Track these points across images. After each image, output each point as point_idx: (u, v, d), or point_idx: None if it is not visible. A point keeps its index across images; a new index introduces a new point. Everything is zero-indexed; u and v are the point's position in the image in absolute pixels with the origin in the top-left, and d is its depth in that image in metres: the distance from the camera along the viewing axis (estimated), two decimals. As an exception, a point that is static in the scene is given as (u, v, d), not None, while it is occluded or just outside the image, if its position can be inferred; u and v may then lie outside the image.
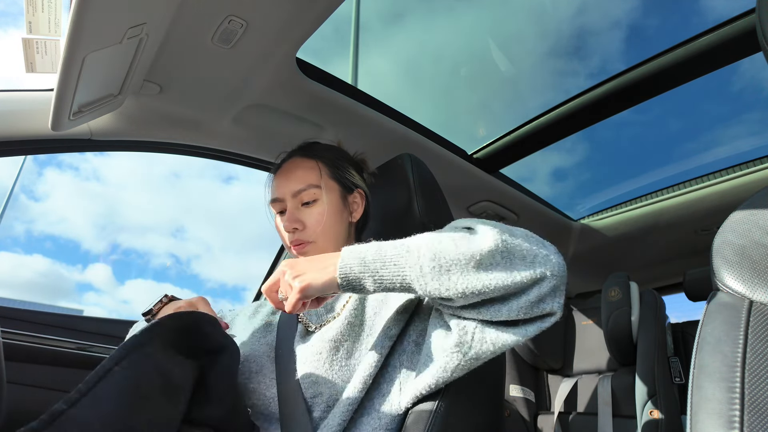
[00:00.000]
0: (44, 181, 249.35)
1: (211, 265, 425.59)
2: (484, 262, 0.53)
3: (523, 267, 0.54)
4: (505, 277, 0.53)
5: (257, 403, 0.70)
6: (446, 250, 0.54)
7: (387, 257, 0.57)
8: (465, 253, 0.53)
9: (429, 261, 0.54)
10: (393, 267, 0.56)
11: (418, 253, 0.55)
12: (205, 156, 1.17)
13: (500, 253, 0.54)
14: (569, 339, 1.68)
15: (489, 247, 0.54)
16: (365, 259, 0.57)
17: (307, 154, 0.85)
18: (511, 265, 0.54)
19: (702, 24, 1.07)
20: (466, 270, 0.53)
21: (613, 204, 1.79)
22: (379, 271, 0.56)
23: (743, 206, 0.51)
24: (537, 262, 0.55)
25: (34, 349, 1.03)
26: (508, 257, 0.54)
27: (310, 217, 0.79)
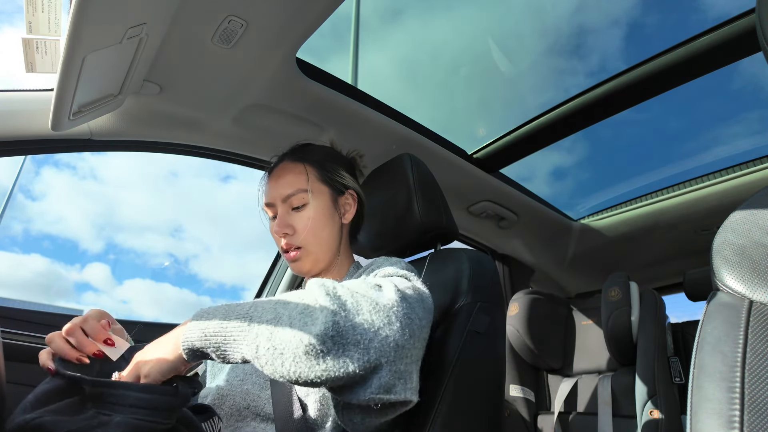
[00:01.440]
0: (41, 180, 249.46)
1: (209, 264, 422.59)
2: (314, 349, 0.47)
3: (357, 354, 0.48)
4: (336, 367, 0.47)
5: (252, 404, 0.70)
6: (282, 332, 0.49)
7: (227, 331, 0.53)
8: (295, 336, 0.48)
9: (265, 341, 0.50)
10: (233, 343, 0.52)
11: (257, 330, 0.51)
12: (205, 156, 1.17)
13: (331, 339, 0.47)
14: (569, 339, 1.68)
15: (318, 331, 0.47)
16: (207, 332, 0.53)
17: (296, 158, 0.85)
18: (344, 351, 0.48)
19: (701, 21, 1.07)
20: (297, 356, 0.48)
21: (613, 204, 1.79)
22: (220, 347, 0.53)
23: (743, 206, 0.51)
24: (372, 347, 0.48)
25: (34, 349, 1.03)
26: (340, 342, 0.48)
27: (300, 221, 0.80)
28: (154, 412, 0.52)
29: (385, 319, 0.51)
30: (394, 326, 0.51)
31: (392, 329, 0.50)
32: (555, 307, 1.72)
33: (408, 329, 0.52)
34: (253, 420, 0.69)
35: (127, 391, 0.53)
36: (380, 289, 0.56)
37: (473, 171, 1.44)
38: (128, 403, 0.52)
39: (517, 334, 1.62)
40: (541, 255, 1.94)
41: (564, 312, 1.73)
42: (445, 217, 0.91)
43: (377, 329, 0.50)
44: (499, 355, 0.83)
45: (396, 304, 0.53)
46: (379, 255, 0.98)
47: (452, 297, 0.79)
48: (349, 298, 0.52)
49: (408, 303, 0.55)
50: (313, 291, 0.53)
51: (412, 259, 0.96)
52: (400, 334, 0.51)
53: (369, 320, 0.50)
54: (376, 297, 0.53)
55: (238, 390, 0.73)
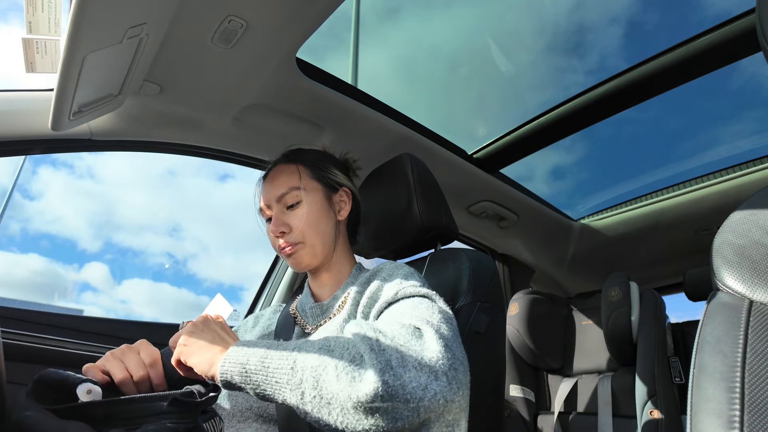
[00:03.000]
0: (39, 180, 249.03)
1: (208, 264, 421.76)
2: (363, 407, 0.47)
3: (407, 411, 0.48)
4: (385, 422, 0.48)
5: (254, 405, 0.70)
6: (329, 383, 0.49)
7: (269, 372, 0.52)
8: (344, 390, 0.48)
9: (311, 389, 0.49)
10: (275, 385, 0.52)
11: (301, 376, 0.51)
12: (205, 156, 1.17)
13: (380, 398, 0.47)
14: (569, 339, 1.68)
15: (368, 391, 0.47)
16: (247, 368, 0.53)
17: (288, 160, 0.86)
18: (393, 409, 0.48)
19: (701, 19, 1.07)
20: (345, 409, 0.48)
21: (613, 204, 1.79)
22: (260, 385, 0.52)
23: (743, 206, 0.51)
24: (422, 406, 0.49)
25: (34, 349, 1.03)
26: (390, 402, 0.48)
27: (295, 218, 0.80)
28: (178, 415, 0.51)
29: (432, 375, 0.50)
30: (441, 381, 0.50)
31: (440, 385, 0.50)
32: (555, 307, 1.72)
33: (455, 382, 0.51)
34: (255, 421, 0.69)
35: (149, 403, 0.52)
36: (421, 338, 0.55)
37: (473, 171, 1.44)
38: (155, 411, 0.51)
39: (517, 334, 1.62)
40: (541, 255, 1.94)
41: (564, 312, 1.73)
42: (445, 217, 0.91)
43: (425, 387, 0.49)
44: (499, 355, 0.83)
45: (441, 356, 0.52)
46: (380, 255, 0.98)
47: (452, 297, 0.79)
48: (394, 354, 0.51)
49: (451, 352, 0.54)
50: (356, 342, 0.53)
51: (412, 259, 0.96)
52: (447, 389, 0.50)
53: (417, 378, 0.49)
54: (420, 351, 0.52)
55: (242, 392, 0.73)
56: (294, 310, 0.86)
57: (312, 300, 0.84)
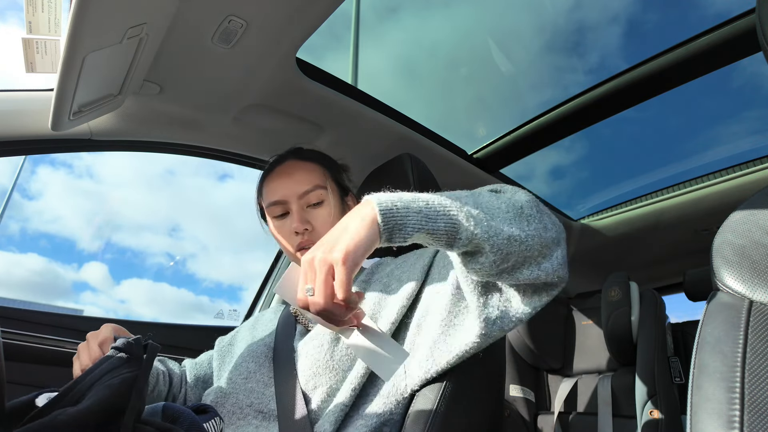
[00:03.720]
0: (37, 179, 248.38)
1: (207, 264, 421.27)
2: (525, 213, 0.53)
3: (551, 224, 0.56)
4: (541, 230, 0.54)
5: (255, 402, 0.70)
6: (487, 200, 0.53)
7: (427, 199, 0.49)
8: (506, 202, 0.54)
9: (473, 207, 0.50)
10: (438, 207, 0.48)
11: (458, 199, 0.50)
12: (205, 156, 1.17)
13: (535, 207, 0.55)
14: (569, 339, 1.68)
15: (526, 200, 0.55)
16: (403, 199, 0.48)
17: (304, 157, 0.85)
18: (541, 219, 0.55)
19: (701, 18, 1.07)
20: (508, 218, 0.52)
21: (613, 204, 1.79)
22: (423, 210, 0.48)
23: (743, 206, 0.51)
24: (556, 225, 0.57)
25: (34, 349, 1.03)
26: (540, 212, 0.55)
27: (318, 218, 0.78)
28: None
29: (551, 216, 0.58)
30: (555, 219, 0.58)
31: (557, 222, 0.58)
32: (555, 307, 1.72)
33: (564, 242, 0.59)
34: (255, 418, 0.69)
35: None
36: None
37: (473, 171, 1.44)
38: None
39: (517, 334, 1.62)
40: (541, 255, 1.93)
41: (564, 312, 1.73)
42: (445, 217, 0.91)
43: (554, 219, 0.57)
44: (499, 356, 0.83)
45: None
46: (379, 255, 0.98)
47: (452, 297, 0.79)
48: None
49: None
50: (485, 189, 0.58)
51: (412, 259, 0.96)
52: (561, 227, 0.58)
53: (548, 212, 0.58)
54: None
55: (242, 388, 0.73)
56: (294, 309, 0.86)
57: None
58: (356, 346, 0.52)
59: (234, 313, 1.59)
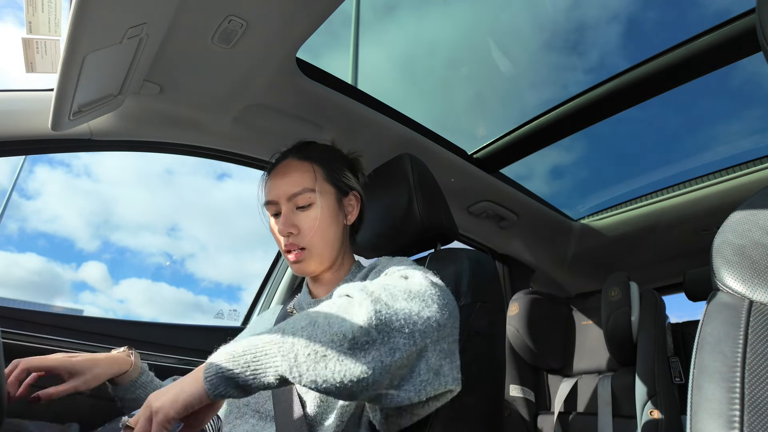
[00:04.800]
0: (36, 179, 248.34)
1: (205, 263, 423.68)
2: (360, 342, 0.47)
3: (402, 339, 0.48)
4: (384, 355, 0.47)
5: (252, 402, 0.71)
6: (322, 334, 0.48)
7: (258, 348, 0.49)
8: (338, 333, 0.47)
9: (303, 348, 0.47)
10: (264, 358, 0.48)
11: (293, 340, 0.48)
12: (205, 156, 1.17)
13: (375, 328, 0.47)
14: (569, 339, 1.68)
15: (362, 322, 0.47)
16: (234, 353, 0.49)
17: (302, 156, 0.83)
18: (389, 338, 0.48)
19: (701, 17, 1.07)
20: (342, 354, 0.46)
21: (613, 204, 1.79)
22: (250, 366, 0.48)
23: (743, 206, 0.51)
24: (417, 330, 0.49)
25: (34, 349, 1.03)
26: (385, 331, 0.48)
27: (305, 221, 0.78)
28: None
29: (422, 303, 0.51)
30: (433, 308, 0.51)
31: (431, 310, 0.51)
32: (555, 307, 1.72)
33: (446, 309, 0.53)
34: (252, 417, 0.69)
35: None
36: (407, 279, 0.57)
37: (473, 171, 1.44)
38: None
39: (517, 334, 1.62)
40: (541, 255, 1.94)
41: (564, 312, 1.73)
42: (445, 217, 0.91)
43: (418, 312, 0.50)
44: (499, 355, 0.83)
45: (428, 287, 0.54)
46: (379, 255, 0.98)
47: (452, 297, 0.79)
48: (382, 291, 0.52)
49: (438, 286, 0.56)
50: (343, 293, 0.53)
51: (412, 259, 0.96)
52: (440, 314, 0.51)
53: (408, 306, 0.50)
54: (407, 285, 0.54)
55: None
56: (292, 308, 0.86)
57: (310, 297, 0.84)
58: None
59: (234, 313, 1.59)
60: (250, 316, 1.52)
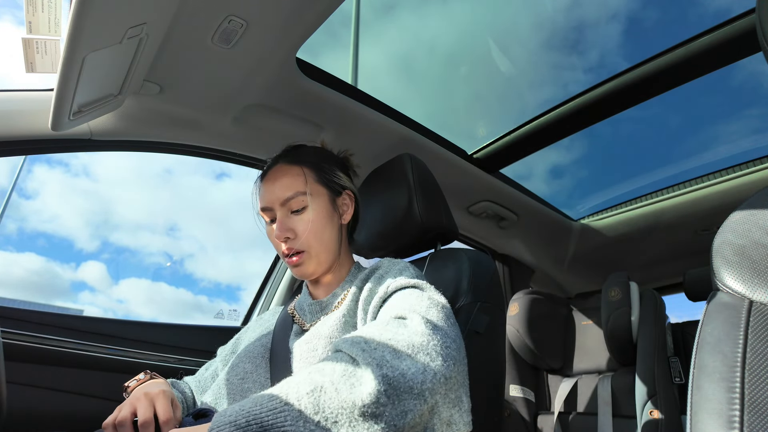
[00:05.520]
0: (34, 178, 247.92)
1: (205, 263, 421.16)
2: (369, 411, 0.46)
3: (413, 400, 0.48)
4: (396, 419, 0.46)
5: (253, 388, 0.71)
6: (330, 400, 0.47)
7: (263, 418, 0.47)
8: (347, 400, 0.46)
9: (313, 414, 0.46)
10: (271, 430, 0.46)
11: (299, 405, 0.47)
12: (205, 156, 1.17)
13: (384, 394, 0.46)
14: (569, 339, 1.68)
15: (370, 390, 0.46)
16: (238, 423, 0.47)
17: (291, 160, 0.83)
18: (400, 402, 0.47)
19: (700, 15, 1.07)
20: (353, 420, 0.46)
21: (613, 204, 1.79)
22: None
23: (743, 206, 0.51)
24: (426, 388, 0.49)
25: (34, 349, 1.03)
26: (395, 395, 0.47)
27: (301, 224, 0.78)
28: None
29: (427, 357, 0.51)
30: (437, 361, 0.51)
31: (437, 364, 0.51)
32: (555, 307, 1.72)
33: (450, 359, 0.52)
34: None
35: None
36: (407, 327, 0.55)
37: (473, 171, 1.44)
38: None
39: (517, 334, 1.62)
40: (541, 255, 1.94)
41: (564, 312, 1.73)
42: (445, 217, 0.91)
43: (424, 370, 0.49)
44: (499, 355, 0.83)
45: (430, 338, 0.53)
46: (379, 255, 0.98)
47: (452, 297, 0.79)
48: (386, 349, 0.51)
49: (440, 331, 0.55)
50: (344, 351, 0.52)
51: (412, 259, 0.96)
52: (445, 366, 0.51)
53: (413, 364, 0.50)
54: (409, 337, 0.53)
55: (238, 389, 0.73)
56: (292, 309, 0.86)
57: (310, 298, 0.84)
58: None
59: (234, 313, 1.59)
60: (250, 316, 1.52)
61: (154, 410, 0.61)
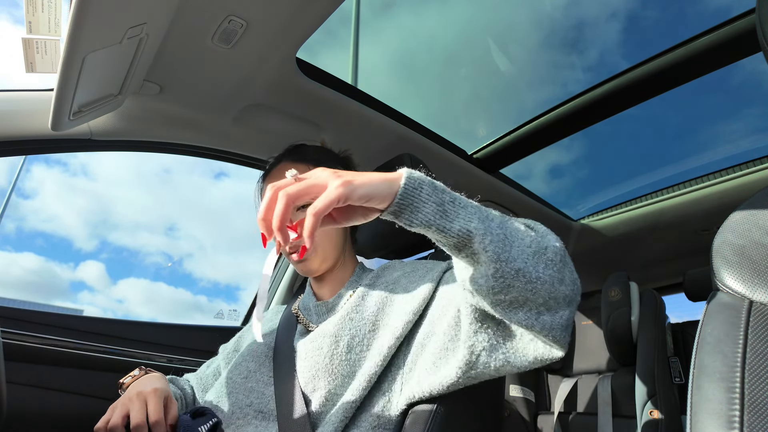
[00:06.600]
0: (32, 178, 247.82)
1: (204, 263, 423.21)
2: (546, 256, 0.50)
3: (570, 281, 0.52)
4: (556, 280, 0.50)
5: (255, 402, 0.70)
6: (515, 227, 0.52)
7: (458, 199, 0.50)
8: (533, 238, 0.51)
9: (497, 226, 0.50)
10: (461, 208, 0.49)
11: (488, 213, 0.51)
12: (205, 156, 1.17)
13: (560, 257, 0.52)
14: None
15: (556, 245, 0.52)
16: (436, 185, 0.49)
17: (295, 158, 0.84)
18: (561, 271, 0.51)
19: (700, 14, 1.06)
20: (527, 253, 0.49)
21: (613, 204, 1.79)
22: (445, 204, 0.48)
23: (743, 206, 0.51)
24: (576, 286, 0.53)
25: (34, 349, 1.03)
26: (565, 263, 0.52)
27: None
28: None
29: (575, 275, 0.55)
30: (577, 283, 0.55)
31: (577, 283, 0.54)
32: (555, 307, 1.71)
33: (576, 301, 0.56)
34: (255, 418, 0.69)
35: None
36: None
37: (473, 171, 1.44)
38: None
39: (517, 334, 1.62)
40: (541, 255, 1.93)
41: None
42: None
43: (576, 278, 0.54)
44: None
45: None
46: (380, 255, 0.97)
47: (452, 297, 0.79)
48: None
49: None
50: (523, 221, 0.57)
51: (412, 259, 0.96)
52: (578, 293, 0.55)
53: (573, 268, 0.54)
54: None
55: (241, 387, 0.73)
56: (296, 309, 0.86)
57: (315, 299, 0.84)
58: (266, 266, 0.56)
59: (234, 313, 1.59)
60: (250, 316, 1.52)
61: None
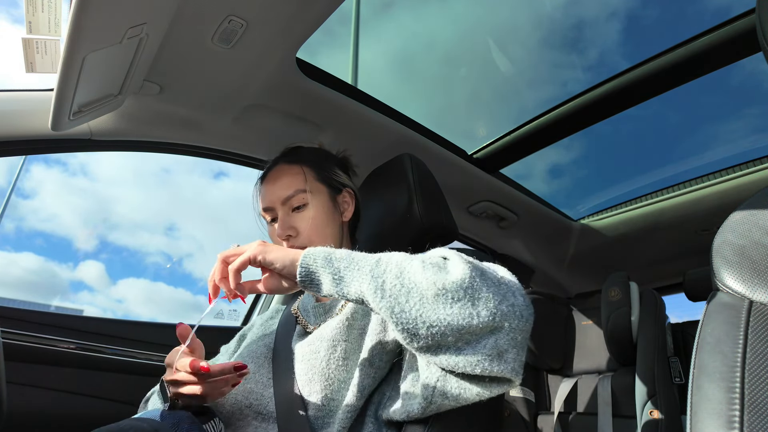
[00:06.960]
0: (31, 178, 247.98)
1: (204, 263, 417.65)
2: (447, 294, 0.49)
3: (485, 311, 0.49)
4: (463, 315, 0.48)
5: (254, 403, 0.70)
6: (414, 271, 0.51)
7: (355, 260, 0.56)
8: (430, 278, 0.50)
9: (393, 278, 0.51)
10: (356, 271, 0.54)
11: (386, 266, 0.54)
12: (205, 156, 1.17)
13: (465, 290, 0.49)
14: (569, 339, 1.68)
15: (457, 278, 0.50)
16: (332, 256, 0.57)
17: (291, 160, 0.85)
18: (474, 305, 0.49)
19: (700, 13, 1.06)
20: (425, 297, 0.49)
21: (613, 204, 1.79)
22: (341, 271, 0.55)
23: (743, 206, 0.51)
24: (500, 309, 0.49)
25: (34, 349, 1.03)
26: (473, 295, 0.49)
27: (302, 221, 0.79)
28: None
29: (509, 291, 0.52)
30: (519, 299, 0.52)
31: (517, 300, 0.52)
32: (555, 307, 1.72)
33: (531, 307, 0.53)
34: (255, 419, 0.69)
35: None
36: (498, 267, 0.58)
37: (473, 171, 1.44)
38: None
39: (517, 334, 1.62)
40: (541, 255, 1.94)
41: (564, 312, 1.73)
42: (445, 217, 0.91)
43: (505, 294, 0.51)
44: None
45: (515, 282, 0.55)
46: (379, 255, 0.97)
47: (452, 297, 0.79)
48: (477, 265, 0.54)
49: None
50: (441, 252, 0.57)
51: (412, 259, 0.96)
52: (525, 307, 0.52)
53: (498, 285, 0.52)
54: (497, 272, 0.55)
55: (240, 388, 0.73)
56: (296, 309, 0.86)
57: (314, 300, 0.84)
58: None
59: (234, 313, 1.59)
60: (250, 316, 1.52)
61: None
